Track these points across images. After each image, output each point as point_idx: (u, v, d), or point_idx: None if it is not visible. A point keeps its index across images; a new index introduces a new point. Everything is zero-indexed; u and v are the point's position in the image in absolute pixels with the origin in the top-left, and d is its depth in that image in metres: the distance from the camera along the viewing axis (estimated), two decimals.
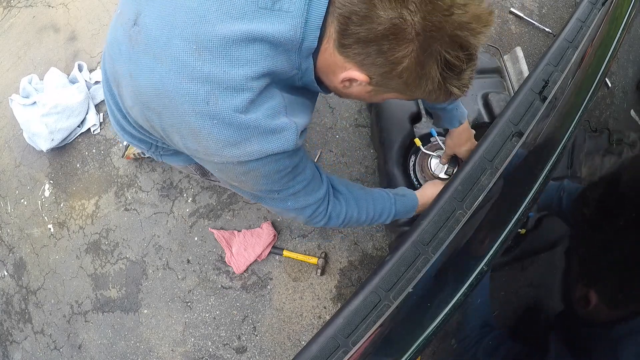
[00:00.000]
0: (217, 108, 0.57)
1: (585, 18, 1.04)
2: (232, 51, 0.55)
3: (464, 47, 0.55)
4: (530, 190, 0.88)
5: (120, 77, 0.67)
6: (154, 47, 0.58)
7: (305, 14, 0.56)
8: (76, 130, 2.17)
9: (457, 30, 0.53)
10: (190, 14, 0.56)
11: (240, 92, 0.57)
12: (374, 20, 0.52)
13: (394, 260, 0.81)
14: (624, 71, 1.89)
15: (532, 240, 1.02)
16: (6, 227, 2.23)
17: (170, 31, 0.57)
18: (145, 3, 0.61)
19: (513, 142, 0.91)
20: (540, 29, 2.09)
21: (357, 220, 1.00)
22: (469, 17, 0.53)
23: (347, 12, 0.54)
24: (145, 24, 0.60)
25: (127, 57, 0.63)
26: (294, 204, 0.83)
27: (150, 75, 0.59)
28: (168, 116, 0.62)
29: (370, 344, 0.77)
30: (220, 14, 0.55)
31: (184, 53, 0.56)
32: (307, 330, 1.74)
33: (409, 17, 0.52)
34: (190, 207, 1.95)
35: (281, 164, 0.67)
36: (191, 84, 0.56)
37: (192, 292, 1.86)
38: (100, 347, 1.90)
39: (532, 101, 0.94)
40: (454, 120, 1.13)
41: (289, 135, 0.62)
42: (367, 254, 1.79)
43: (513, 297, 1.00)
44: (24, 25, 2.57)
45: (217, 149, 0.61)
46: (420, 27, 0.52)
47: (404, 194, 1.11)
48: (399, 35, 0.53)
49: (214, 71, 0.56)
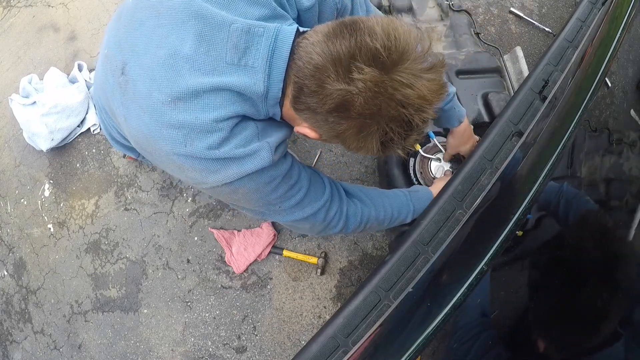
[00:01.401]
0: (193, 149, 0.65)
1: (585, 18, 1.04)
2: (202, 100, 0.63)
3: (407, 123, 0.60)
4: (530, 190, 0.88)
5: (116, 115, 0.75)
6: (139, 99, 0.67)
7: (268, 70, 0.63)
8: (76, 130, 2.16)
9: (402, 109, 0.58)
10: (168, 69, 0.63)
11: (211, 133, 0.64)
12: (322, 97, 0.58)
13: (394, 260, 0.81)
14: (624, 71, 1.89)
15: (529, 242, 1.02)
16: (6, 226, 2.23)
17: (151, 84, 0.64)
18: (130, 54, 0.68)
19: (513, 141, 0.91)
20: (540, 29, 2.09)
21: (377, 219, 0.99)
22: (414, 97, 0.57)
23: (300, 83, 0.61)
24: (131, 75, 0.67)
25: (120, 102, 0.72)
26: (302, 213, 0.84)
27: (138, 122, 0.68)
28: (157, 156, 0.71)
29: (370, 344, 0.77)
30: (193, 70, 0.63)
31: (161, 104, 0.64)
32: (307, 330, 1.74)
33: (354, 99, 0.57)
34: (190, 206, 1.95)
35: (265, 177, 0.72)
36: (170, 130, 0.64)
37: (192, 291, 1.86)
38: (100, 346, 1.90)
39: (532, 101, 0.94)
40: (453, 120, 1.13)
41: (263, 154, 0.68)
42: (367, 253, 1.79)
43: (507, 298, 1.00)
44: (24, 25, 2.57)
45: (202, 177, 0.69)
46: (363, 108, 0.57)
47: (417, 189, 1.11)
48: (343, 113, 0.59)
49: (187, 118, 0.63)
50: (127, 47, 0.69)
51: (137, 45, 0.68)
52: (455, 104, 1.10)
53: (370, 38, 0.55)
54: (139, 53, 0.67)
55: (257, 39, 0.63)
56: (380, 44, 0.55)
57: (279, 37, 0.63)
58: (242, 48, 0.63)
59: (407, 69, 0.57)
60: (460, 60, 1.48)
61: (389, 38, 0.56)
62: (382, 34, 0.56)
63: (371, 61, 0.56)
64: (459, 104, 1.12)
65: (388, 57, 0.56)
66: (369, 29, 0.56)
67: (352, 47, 0.56)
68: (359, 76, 0.55)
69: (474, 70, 1.47)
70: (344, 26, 0.58)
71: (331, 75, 0.57)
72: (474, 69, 1.47)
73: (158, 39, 0.65)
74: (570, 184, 1.08)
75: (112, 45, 0.74)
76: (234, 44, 0.63)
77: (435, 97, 0.59)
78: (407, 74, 0.56)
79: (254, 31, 0.63)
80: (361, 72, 0.55)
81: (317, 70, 0.58)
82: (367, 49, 0.55)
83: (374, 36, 0.55)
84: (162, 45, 0.65)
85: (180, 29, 0.64)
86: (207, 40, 0.63)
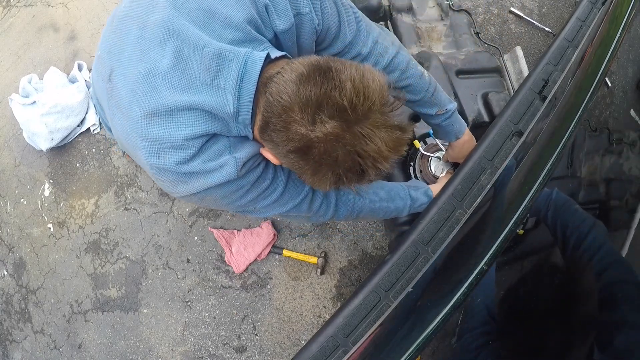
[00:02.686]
0: (164, 162, 0.69)
1: (585, 17, 1.04)
2: (176, 117, 0.67)
3: (361, 172, 0.62)
4: (530, 190, 0.88)
5: (106, 115, 0.81)
6: (122, 107, 0.71)
7: (237, 92, 0.65)
8: (76, 129, 2.16)
9: (358, 158, 0.60)
10: (146, 83, 0.67)
11: (182, 149, 0.68)
12: (285, 136, 0.61)
13: (394, 260, 0.81)
14: (624, 71, 1.89)
15: (526, 242, 1.02)
16: (6, 226, 2.23)
17: (132, 96, 0.68)
18: (116, 62, 0.71)
19: (513, 141, 0.91)
20: (540, 29, 2.09)
21: (372, 210, 0.99)
22: (372, 151, 0.60)
23: (267, 118, 0.64)
24: (116, 84, 0.71)
25: (107, 106, 0.77)
26: (282, 208, 0.85)
27: (121, 129, 0.73)
28: (137, 161, 0.76)
29: (370, 344, 0.77)
30: (169, 87, 0.66)
31: (139, 117, 0.67)
32: (306, 330, 1.74)
33: (314, 145, 0.59)
34: (189, 206, 1.95)
35: (231, 187, 0.74)
36: (145, 142, 0.68)
37: (192, 291, 1.86)
38: (100, 346, 1.90)
39: (532, 101, 0.94)
40: (450, 135, 1.12)
41: (229, 169, 0.71)
42: (366, 253, 1.79)
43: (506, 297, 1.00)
44: (24, 24, 2.57)
45: (172, 187, 0.73)
46: (320, 156, 0.60)
47: (417, 185, 1.11)
48: (302, 155, 0.62)
49: (161, 133, 0.67)
50: (115, 54, 0.72)
51: (123, 54, 0.71)
52: (454, 120, 1.09)
53: (338, 93, 0.57)
54: (123, 63, 0.70)
55: (227, 63, 0.66)
56: (347, 100, 0.57)
57: (248, 63, 0.65)
58: (214, 71, 0.66)
59: (371, 123, 0.59)
60: (460, 60, 1.48)
61: (358, 95, 0.58)
62: (352, 90, 0.58)
63: (335, 115, 0.58)
64: (459, 120, 1.10)
65: (353, 113, 0.58)
66: (340, 83, 0.58)
67: (320, 97, 0.58)
68: (321, 127, 0.58)
69: (474, 70, 1.47)
70: (317, 72, 0.60)
71: (296, 119, 0.59)
72: (474, 69, 1.47)
73: (140, 52, 0.68)
74: (560, 190, 1.08)
75: (104, 48, 0.77)
76: (207, 67, 0.66)
77: (393, 154, 0.62)
78: (369, 128, 0.59)
79: (224, 55, 0.66)
80: (324, 124, 0.58)
81: (284, 111, 0.60)
82: (333, 102, 0.57)
83: (343, 91, 0.57)
84: (143, 59, 0.68)
85: (161, 46, 0.67)
86: (184, 60, 0.66)
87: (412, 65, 0.96)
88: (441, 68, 1.40)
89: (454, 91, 1.39)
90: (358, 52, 0.88)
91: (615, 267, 0.92)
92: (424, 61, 1.42)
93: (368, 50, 0.89)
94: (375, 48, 0.89)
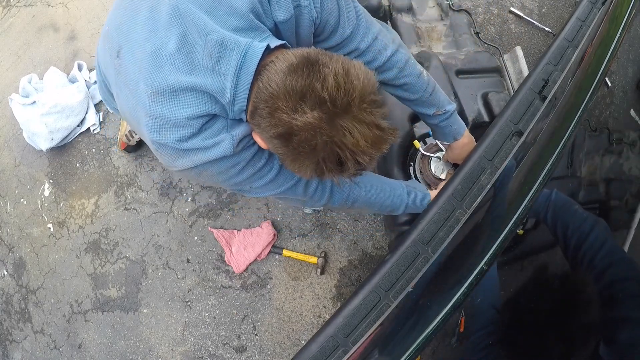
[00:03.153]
0: (165, 138, 0.72)
1: (585, 17, 1.04)
2: (178, 97, 0.70)
3: (340, 163, 0.64)
4: (530, 189, 0.88)
5: (111, 88, 0.84)
6: (129, 83, 0.74)
7: (236, 79, 0.68)
8: (76, 129, 2.16)
9: (337, 149, 0.62)
10: (152, 63, 0.70)
11: (183, 128, 0.71)
12: (270, 122, 0.64)
13: (394, 260, 0.81)
14: (624, 70, 1.89)
15: (527, 242, 1.02)
16: (6, 226, 2.23)
17: (139, 74, 0.71)
18: (125, 40, 0.74)
19: (513, 141, 0.91)
20: (540, 29, 2.09)
21: (368, 201, 1.00)
22: (350, 143, 0.62)
23: (256, 103, 0.67)
24: (124, 60, 0.74)
25: (114, 81, 0.80)
26: (278, 189, 0.87)
27: (127, 103, 0.77)
28: (140, 134, 0.80)
29: (370, 344, 0.77)
30: (173, 68, 0.69)
31: (144, 95, 0.71)
32: (306, 330, 1.74)
33: (294, 133, 0.62)
34: (189, 206, 1.95)
35: (227, 163, 0.77)
36: (148, 118, 0.72)
37: (192, 291, 1.86)
38: (100, 346, 1.90)
39: (531, 100, 0.94)
40: (448, 136, 1.11)
41: (226, 144, 0.74)
42: (366, 253, 1.79)
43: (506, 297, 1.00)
44: (24, 24, 2.57)
45: (171, 160, 0.77)
46: (299, 143, 0.63)
47: (416, 186, 1.11)
48: (283, 141, 0.64)
49: (164, 111, 0.70)
50: (124, 32, 0.75)
51: (132, 32, 0.73)
52: (453, 122, 1.08)
53: (320, 85, 0.60)
54: (132, 41, 0.73)
55: (228, 52, 0.68)
56: (328, 93, 0.60)
57: (248, 54, 0.68)
58: (216, 57, 0.69)
59: (351, 116, 0.61)
60: (460, 59, 1.48)
61: (338, 89, 0.60)
62: (333, 83, 0.60)
63: (316, 106, 0.60)
64: (457, 121, 1.10)
65: (332, 106, 0.60)
66: (323, 76, 0.61)
67: (303, 88, 0.61)
68: (302, 116, 0.61)
69: (474, 70, 1.47)
70: (305, 63, 0.63)
71: (281, 107, 0.62)
72: (473, 69, 1.47)
73: (148, 32, 0.71)
74: (560, 190, 1.08)
75: (113, 25, 0.79)
76: (209, 52, 0.69)
77: (371, 149, 0.63)
78: (349, 122, 0.61)
79: (226, 44, 0.68)
80: (305, 113, 0.60)
81: (271, 98, 0.64)
82: (315, 94, 0.60)
83: (325, 84, 0.60)
84: (151, 40, 0.70)
85: (168, 28, 0.69)
86: (189, 43, 0.69)
87: (411, 64, 0.97)
88: (441, 68, 1.40)
89: (453, 91, 1.39)
90: (356, 46, 0.89)
91: (618, 264, 0.92)
92: (424, 61, 1.42)
93: (366, 46, 0.90)
94: (373, 44, 0.91)
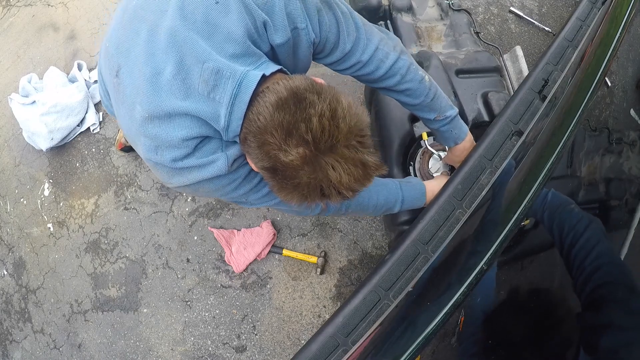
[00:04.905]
0: (161, 158, 0.74)
1: (585, 17, 1.04)
2: (174, 121, 0.72)
3: (325, 196, 0.66)
4: (530, 189, 0.88)
5: (112, 104, 0.85)
6: (126, 103, 0.76)
7: (230, 107, 0.70)
8: (75, 129, 2.16)
9: (321, 185, 0.64)
10: (150, 87, 0.71)
11: (178, 148, 0.73)
12: (258, 154, 0.66)
13: (394, 260, 0.81)
14: (624, 70, 1.89)
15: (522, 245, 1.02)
16: (6, 226, 2.23)
17: (135, 96, 0.73)
18: (124, 60, 0.76)
19: (513, 141, 0.91)
20: (540, 28, 2.09)
21: (360, 205, 1.00)
22: (334, 179, 0.63)
23: (246, 134, 0.69)
24: (123, 80, 0.76)
25: (114, 98, 0.82)
26: (274, 201, 0.89)
27: (125, 122, 0.79)
28: (138, 152, 0.81)
29: (370, 343, 0.77)
30: (170, 93, 0.71)
31: (140, 117, 0.72)
32: (306, 329, 1.74)
33: (279, 167, 0.64)
34: (189, 206, 1.95)
35: (223, 181, 0.79)
36: (145, 138, 0.74)
37: (192, 291, 1.86)
38: (100, 346, 1.90)
39: (531, 100, 0.94)
40: (449, 140, 1.11)
41: (220, 164, 0.76)
42: (366, 253, 1.79)
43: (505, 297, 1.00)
44: (24, 24, 2.57)
45: (168, 177, 0.79)
46: (284, 177, 0.64)
47: (409, 180, 1.11)
48: (270, 173, 0.67)
49: (160, 133, 0.72)
50: (123, 52, 0.76)
51: (131, 52, 0.75)
52: (454, 127, 1.08)
53: (305, 127, 0.61)
54: (131, 62, 0.75)
55: (224, 80, 0.70)
56: (312, 135, 0.61)
57: (243, 83, 0.69)
58: (212, 85, 0.70)
59: (336, 155, 0.63)
60: (460, 59, 1.47)
61: (323, 132, 0.61)
62: (318, 126, 0.61)
63: (301, 144, 0.62)
64: (459, 126, 1.10)
65: (315, 147, 0.62)
66: (308, 117, 0.62)
67: (289, 125, 0.62)
68: (286, 154, 0.62)
69: (474, 70, 1.47)
70: (293, 99, 0.64)
71: (269, 141, 0.64)
72: (473, 68, 1.47)
73: (147, 55, 0.72)
74: (560, 190, 1.07)
75: (113, 42, 0.80)
76: (205, 80, 0.70)
77: (355, 186, 0.65)
78: (333, 159, 0.63)
79: (222, 73, 0.70)
80: (290, 151, 0.62)
81: (259, 132, 0.65)
82: (299, 133, 0.62)
83: (309, 126, 0.61)
84: (149, 63, 0.72)
85: (166, 52, 0.71)
86: (185, 70, 0.70)
87: (413, 69, 0.97)
88: (441, 67, 1.40)
89: (453, 91, 1.39)
90: (357, 59, 0.89)
91: (606, 267, 0.91)
92: (424, 61, 1.42)
93: (368, 58, 0.90)
94: (375, 55, 0.91)
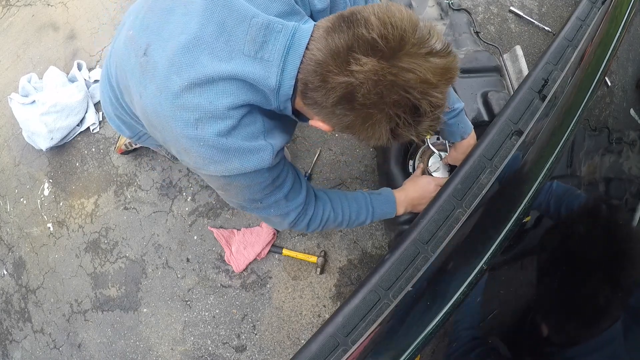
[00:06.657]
0: (203, 132, 0.67)
1: (585, 17, 1.04)
2: (217, 86, 0.66)
3: (413, 108, 0.59)
4: (529, 189, 0.88)
5: (132, 92, 0.79)
6: (158, 79, 0.69)
7: (282, 65, 0.65)
8: (75, 129, 2.16)
9: (405, 93, 0.57)
10: (187, 54, 0.66)
11: (222, 119, 0.67)
12: (326, 91, 0.60)
13: (394, 259, 0.81)
14: (624, 70, 1.89)
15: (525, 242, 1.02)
16: (5, 226, 2.23)
17: (170, 68, 0.67)
18: (155, 37, 0.71)
19: (512, 140, 0.91)
20: (539, 28, 2.09)
21: (335, 220, 1.01)
22: (416, 80, 0.57)
23: (304, 79, 0.64)
24: (153, 57, 0.70)
25: (138, 81, 0.74)
26: (277, 210, 0.88)
27: (154, 102, 0.71)
28: (166, 134, 0.74)
29: (370, 343, 0.77)
30: (211, 57, 0.66)
31: (179, 87, 0.67)
32: (306, 329, 1.74)
33: (356, 90, 0.58)
34: (189, 205, 1.95)
35: (260, 177, 0.76)
36: (183, 111, 0.67)
37: (192, 290, 1.86)
38: (100, 345, 1.90)
39: (531, 100, 0.94)
40: (455, 135, 1.11)
41: (265, 155, 0.72)
42: (366, 252, 1.79)
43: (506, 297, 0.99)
44: (23, 23, 2.57)
45: (204, 164, 0.72)
46: (365, 98, 0.58)
47: (380, 192, 1.11)
48: (347, 105, 0.60)
49: (201, 102, 0.66)
50: (154, 30, 0.72)
51: (163, 29, 0.71)
52: (461, 120, 1.09)
53: (366, 29, 0.56)
54: (164, 37, 0.70)
55: (275, 34, 0.65)
56: (377, 33, 0.56)
57: (296, 35, 0.65)
58: (260, 42, 0.65)
59: (408, 54, 0.57)
60: (459, 59, 1.47)
61: (385, 26, 0.56)
62: (378, 23, 0.56)
63: (369, 51, 0.57)
64: (465, 121, 1.11)
65: (386, 45, 0.56)
66: (365, 20, 0.57)
67: (349, 40, 0.57)
68: (357, 67, 0.56)
69: (474, 69, 1.47)
70: (342, 20, 0.60)
71: (332, 69, 0.58)
72: (473, 68, 1.47)
73: (183, 25, 0.68)
74: (560, 181, 1.07)
75: (138, 27, 0.76)
76: (253, 37, 0.65)
77: (441, 80, 0.59)
78: (407, 59, 0.57)
79: (273, 27, 0.65)
80: (359, 63, 0.56)
81: (319, 66, 0.60)
82: (364, 40, 0.56)
83: (370, 27, 0.56)
84: (185, 31, 0.67)
85: (203, 15, 0.66)
86: (228, 31, 0.66)
87: None
88: None
89: (453, 90, 1.39)
90: None
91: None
92: None
93: None
94: None
